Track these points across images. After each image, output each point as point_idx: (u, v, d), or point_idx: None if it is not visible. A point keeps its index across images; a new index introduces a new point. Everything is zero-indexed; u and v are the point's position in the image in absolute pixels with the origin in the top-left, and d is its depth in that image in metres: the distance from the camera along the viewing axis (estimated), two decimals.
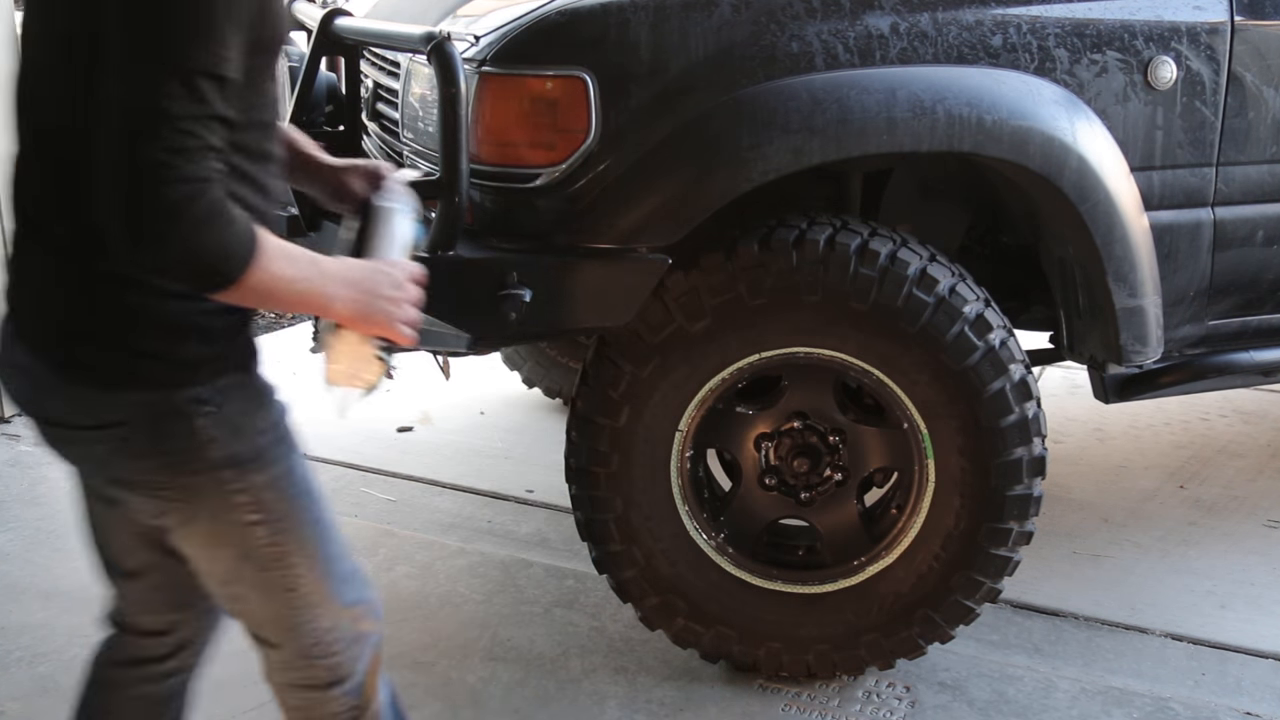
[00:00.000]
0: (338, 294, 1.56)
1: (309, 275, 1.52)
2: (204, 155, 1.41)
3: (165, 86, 1.38)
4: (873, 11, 2.42)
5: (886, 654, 2.66)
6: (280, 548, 1.71)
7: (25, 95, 1.58)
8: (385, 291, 1.61)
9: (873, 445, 2.64)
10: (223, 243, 1.42)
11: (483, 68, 2.39)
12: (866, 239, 2.45)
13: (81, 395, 1.58)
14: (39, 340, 1.59)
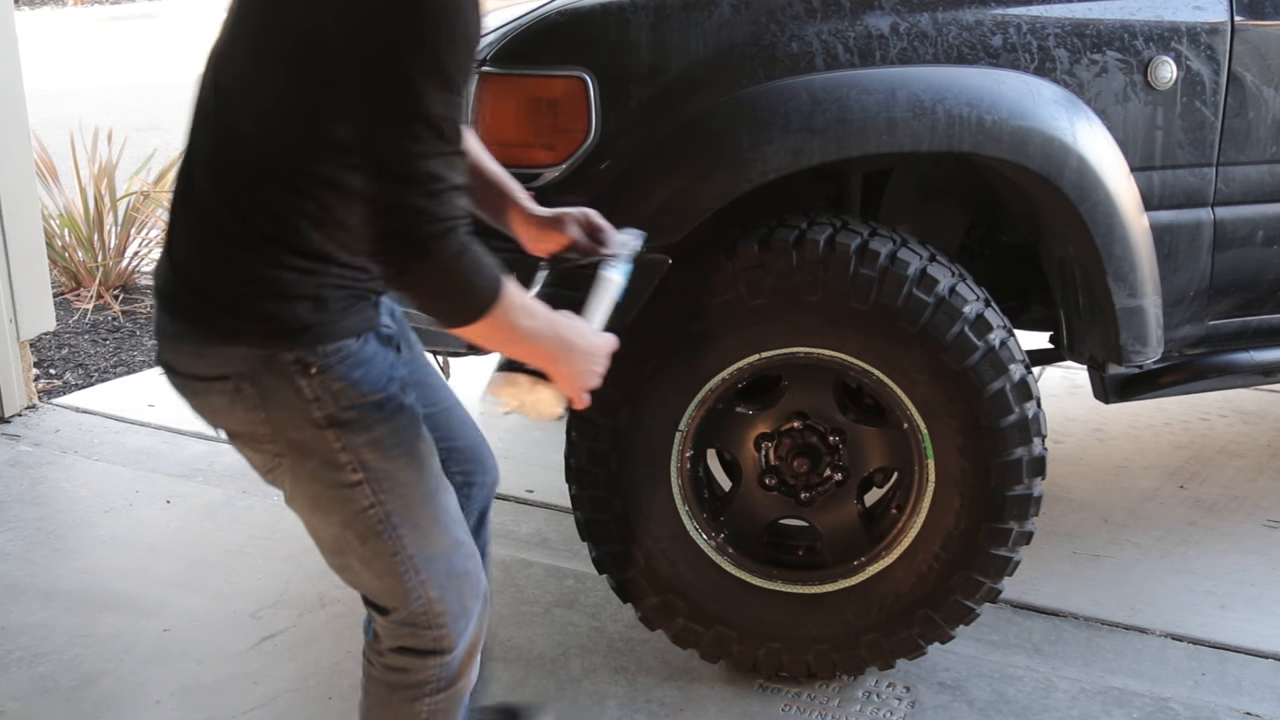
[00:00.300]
0: (555, 352, 1.71)
1: (540, 330, 1.68)
2: (452, 195, 1.56)
3: (416, 133, 1.52)
4: (873, 11, 2.43)
5: (886, 654, 2.66)
6: (383, 509, 1.76)
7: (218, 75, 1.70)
8: (588, 363, 1.76)
9: (873, 445, 2.64)
10: (471, 282, 1.59)
11: (483, 68, 2.39)
12: (866, 239, 2.45)
13: (196, 347, 1.70)
14: (167, 291, 1.73)
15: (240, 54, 1.69)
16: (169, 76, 12.53)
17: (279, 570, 3.24)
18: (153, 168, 5.87)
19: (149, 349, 4.98)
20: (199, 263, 1.70)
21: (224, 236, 1.67)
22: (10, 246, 4.17)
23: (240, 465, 3.83)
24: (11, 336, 4.21)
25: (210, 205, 1.69)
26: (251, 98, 1.66)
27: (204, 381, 1.72)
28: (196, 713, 2.69)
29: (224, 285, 1.68)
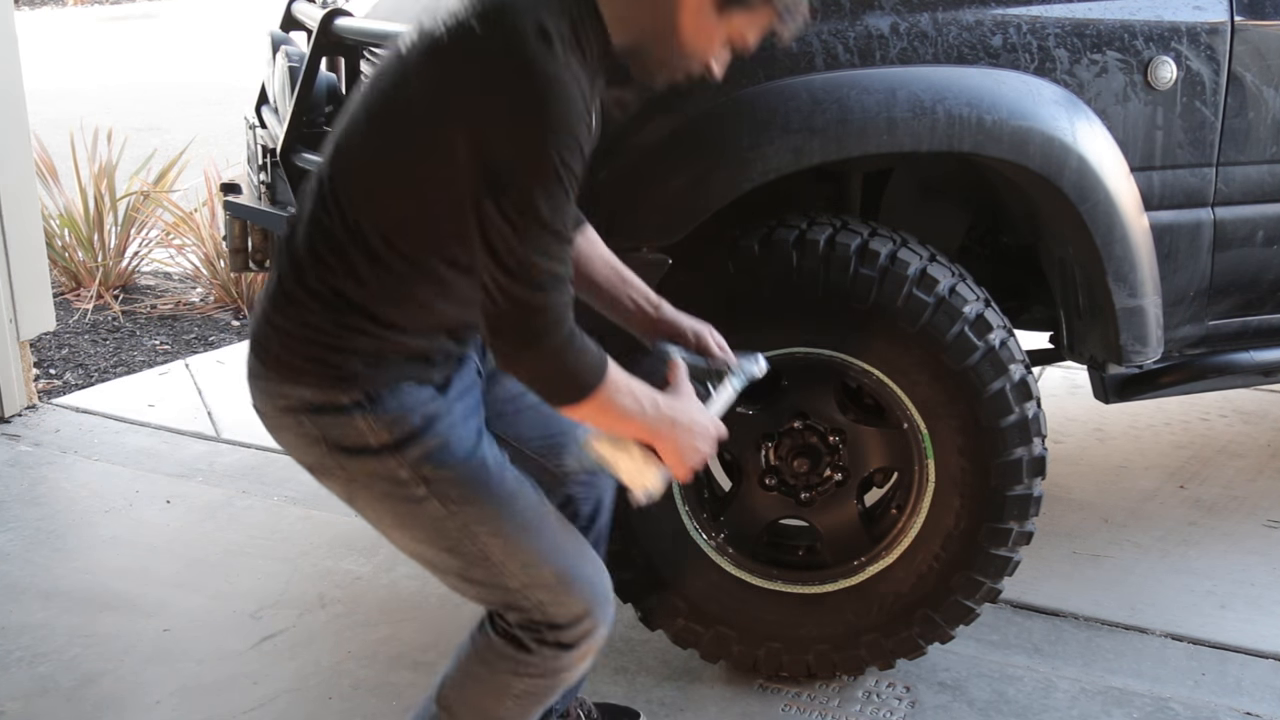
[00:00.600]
0: (659, 430, 1.81)
1: (643, 411, 1.78)
2: (562, 288, 1.69)
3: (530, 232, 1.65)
4: (873, 11, 2.43)
5: (886, 654, 2.66)
6: (457, 519, 1.86)
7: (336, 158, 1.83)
8: (695, 442, 1.84)
9: (873, 445, 2.64)
10: (576, 369, 1.71)
11: None
12: (866, 239, 2.45)
13: (267, 384, 1.86)
14: (253, 331, 1.89)
15: (359, 140, 1.80)
16: (169, 76, 12.54)
17: (279, 570, 3.24)
18: (153, 168, 5.86)
19: (149, 349, 4.98)
20: (278, 306, 1.85)
21: (305, 288, 1.81)
22: (10, 246, 4.17)
23: (240, 465, 3.85)
24: (11, 336, 4.21)
25: (301, 257, 1.82)
26: (364, 179, 1.79)
27: (275, 417, 1.88)
28: (196, 713, 2.69)
29: (294, 330, 1.82)
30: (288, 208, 2.83)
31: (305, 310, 1.81)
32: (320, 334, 1.81)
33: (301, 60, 2.89)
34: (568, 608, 1.91)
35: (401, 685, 2.75)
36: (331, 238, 1.80)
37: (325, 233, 1.81)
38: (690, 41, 1.79)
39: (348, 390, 1.81)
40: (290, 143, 2.73)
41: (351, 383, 1.81)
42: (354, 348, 1.81)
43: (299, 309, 1.82)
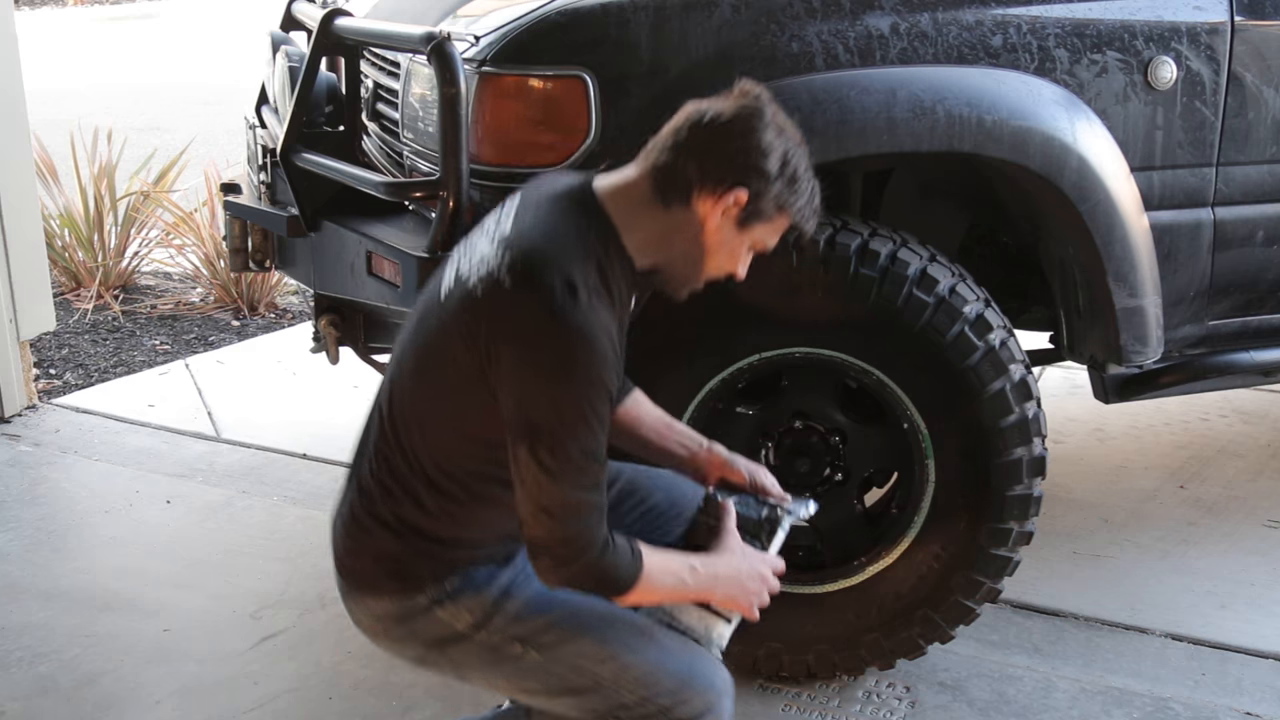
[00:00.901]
0: (706, 592, 1.93)
1: (684, 584, 1.90)
2: (596, 513, 1.78)
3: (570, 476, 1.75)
4: (873, 11, 2.43)
5: (886, 654, 2.66)
6: (564, 659, 1.93)
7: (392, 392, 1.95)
8: (746, 586, 1.95)
9: (873, 445, 2.64)
10: (612, 576, 1.81)
11: (483, 68, 2.39)
12: (866, 239, 2.45)
13: (353, 600, 1.98)
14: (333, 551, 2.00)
15: (409, 382, 1.92)
16: (169, 76, 12.53)
17: (279, 570, 3.24)
18: (153, 168, 5.86)
19: (149, 349, 4.98)
20: (351, 532, 1.96)
21: (375, 517, 1.92)
22: (10, 246, 4.16)
23: (240, 465, 3.85)
24: (11, 336, 4.21)
25: (369, 486, 1.94)
26: (416, 416, 1.90)
27: (369, 627, 1.99)
28: (196, 713, 2.69)
29: (368, 554, 1.94)
30: (288, 208, 2.84)
31: (376, 537, 1.92)
32: (393, 559, 1.92)
33: (301, 60, 2.89)
34: (692, 705, 1.95)
35: (402, 685, 2.75)
36: (395, 469, 1.91)
37: (389, 464, 1.91)
38: (714, 258, 1.89)
39: (422, 591, 1.91)
40: (290, 143, 2.73)
41: (424, 584, 1.91)
42: (420, 564, 1.91)
43: (370, 536, 1.93)
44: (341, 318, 2.96)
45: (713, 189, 1.82)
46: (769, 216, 1.87)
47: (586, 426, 1.75)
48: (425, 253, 2.40)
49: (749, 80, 1.88)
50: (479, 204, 2.43)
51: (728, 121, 1.83)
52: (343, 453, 3.86)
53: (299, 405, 4.34)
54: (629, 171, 1.88)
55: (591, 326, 1.74)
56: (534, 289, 1.75)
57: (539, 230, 1.81)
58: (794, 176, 1.86)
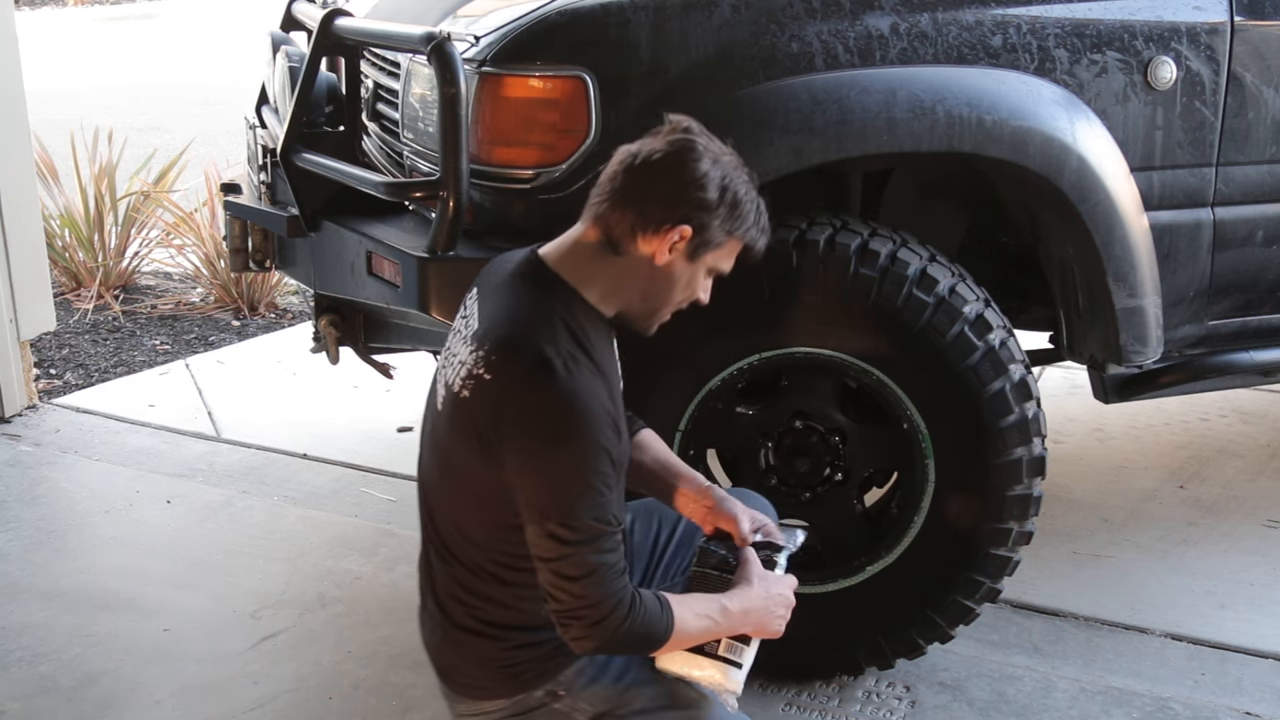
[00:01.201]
0: (744, 625, 1.95)
1: (717, 622, 1.92)
2: (617, 574, 1.81)
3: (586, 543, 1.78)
4: (873, 12, 2.43)
5: (886, 654, 2.66)
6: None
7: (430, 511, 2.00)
8: (780, 611, 1.99)
9: (873, 445, 2.64)
10: (644, 634, 1.85)
11: (483, 68, 2.39)
12: (866, 239, 2.45)
13: (462, 705, 2.02)
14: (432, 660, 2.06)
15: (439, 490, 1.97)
16: (169, 76, 12.53)
17: (279, 570, 3.24)
18: (153, 168, 5.86)
19: (149, 349, 4.98)
20: (445, 645, 2.01)
21: (462, 628, 1.97)
22: (10, 246, 4.16)
23: (240, 465, 3.85)
24: (12, 336, 4.21)
25: (445, 602, 1.99)
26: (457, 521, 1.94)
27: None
28: (196, 713, 2.69)
29: (467, 663, 1.99)
30: (288, 208, 2.84)
31: (473, 647, 1.97)
32: (491, 661, 1.96)
33: (301, 60, 2.89)
34: None
35: (402, 685, 2.75)
36: (459, 579, 1.96)
37: (453, 577, 1.96)
38: (673, 292, 1.93)
39: (536, 686, 1.96)
40: (290, 143, 2.73)
41: (536, 680, 1.96)
42: (524, 659, 1.95)
43: (466, 647, 1.98)
44: (341, 318, 2.96)
45: (656, 229, 1.85)
46: (718, 244, 1.90)
47: (594, 492, 1.78)
48: (425, 253, 2.40)
49: (677, 115, 1.91)
50: (479, 204, 2.44)
51: (660, 160, 1.85)
52: (343, 452, 3.90)
53: (299, 405, 4.34)
54: (576, 228, 1.92)
55: (574, 394, 1.77)
56: (510, 374, 1.80)
57: (502, 317, 1.86)
58: (735, 201, 1.88)
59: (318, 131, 2.90)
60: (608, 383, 1.86)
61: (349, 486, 3.71)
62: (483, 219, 2.44)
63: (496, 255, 2.04)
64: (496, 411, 1.81)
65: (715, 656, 1.94)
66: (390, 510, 3.55)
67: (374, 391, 4.27)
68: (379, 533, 3.42)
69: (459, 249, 2.38)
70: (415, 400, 4.24)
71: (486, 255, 2.38)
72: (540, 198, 2.40)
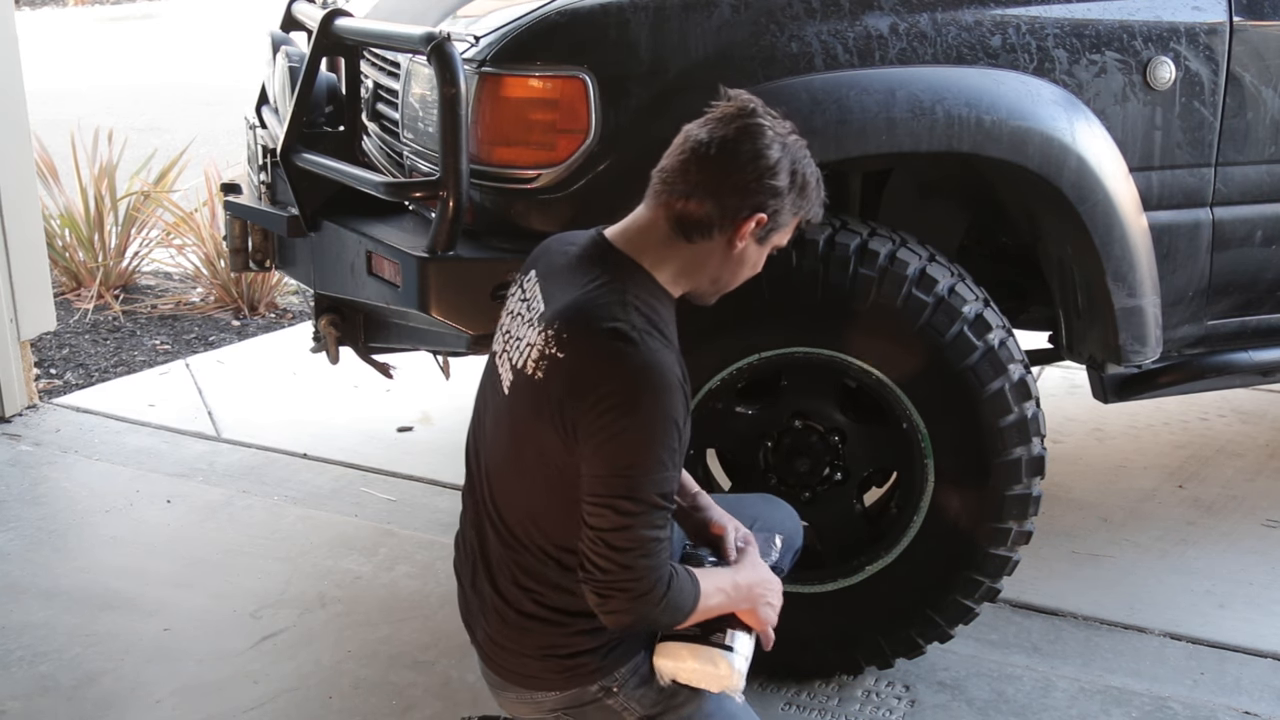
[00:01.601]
0: (748, 599, 1.96)
1: (732, 597, 1.94)
2: (666, 550, 1.82)
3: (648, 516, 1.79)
4: (872, 12, 2.43)
5: (886, 653, 2.66)
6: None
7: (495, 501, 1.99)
8: (772, 597, 2.01)
9: (873, 445, 2.64)
10: (679, 602, 1.85)
11: (483, 68, 2.40)
12: (866, 239, 2.45)
13: (514, 695, 2.02)
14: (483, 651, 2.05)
15: (509, 478, 1.96)
16: (169, 77, 12.53)
17: (279, 570, 3.24)
18: (153, 168, 5.86)
19: (149, 349, 4.99)
20: (503, 633, 1.99)
21: (525, 614, 1.95)
22: (11, 246, 4.17)
23: (240, 465, 3.85)
24: (12, 336, 4.21)
25: (507, 590, 1.97)
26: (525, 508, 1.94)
27: (527, 712, 2.03)
28: (196, 712, 2.70)
29: (527, 650, 1.97)
30: (288, 208, 2.84)
31: (535, 633, 1.96)
32: (553, 649, 1.96)
33: (301, 60, 2.89)
34: None
35: (402, 684, 2.76)
36: (528, 569, 1.95)
37: (520, 566, 1.95)
38: (740, 273, 1.97)
39: (593, 682, 1.96)
40: (290, 143, 2.73)
41: (593, 675, 1.95)
42: (585, 647, 1.94)
43: (529, 634, 1.96)
44: (341, 318, 2.96)
45: (733, 219, 1.87)
46: (786, 225, 1.93)
47: (662, 466, 1.79)
48: (425, 253, 2.40)
49: (737, 90, 1.93)
50: (479, 204, 2.44)
51: (731, 148, 1.86)
52: (343, 452, 3.90)
53: (299, 405, 4.34)
54: (641, 212, 1.92)
55: (650, 365, 1.78)
56: (586, 348, 1.81)
57: (573, 296, 1.86)
58: (803, 183, 1.91)
59: (318, 131, 2.90)
60: (680, 358, 1.86)
61: (349, 486, 3.72)
62: (483, 219, 2.44)
63: (494, 255, 2.04)
64: (573, 385, 1.80)
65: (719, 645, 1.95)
66: (390, 510, 3.56)
67: (374, 391, 4.28)
68: (379, 532, 3.42)
69: (459, 249, 2.39)
70: (415, 400, 4.27)
71: (487, 255, 2.39)
72: (540, 198, 2.40)
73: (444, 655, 2.85)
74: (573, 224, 2.36)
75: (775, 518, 2.28)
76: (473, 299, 2.38)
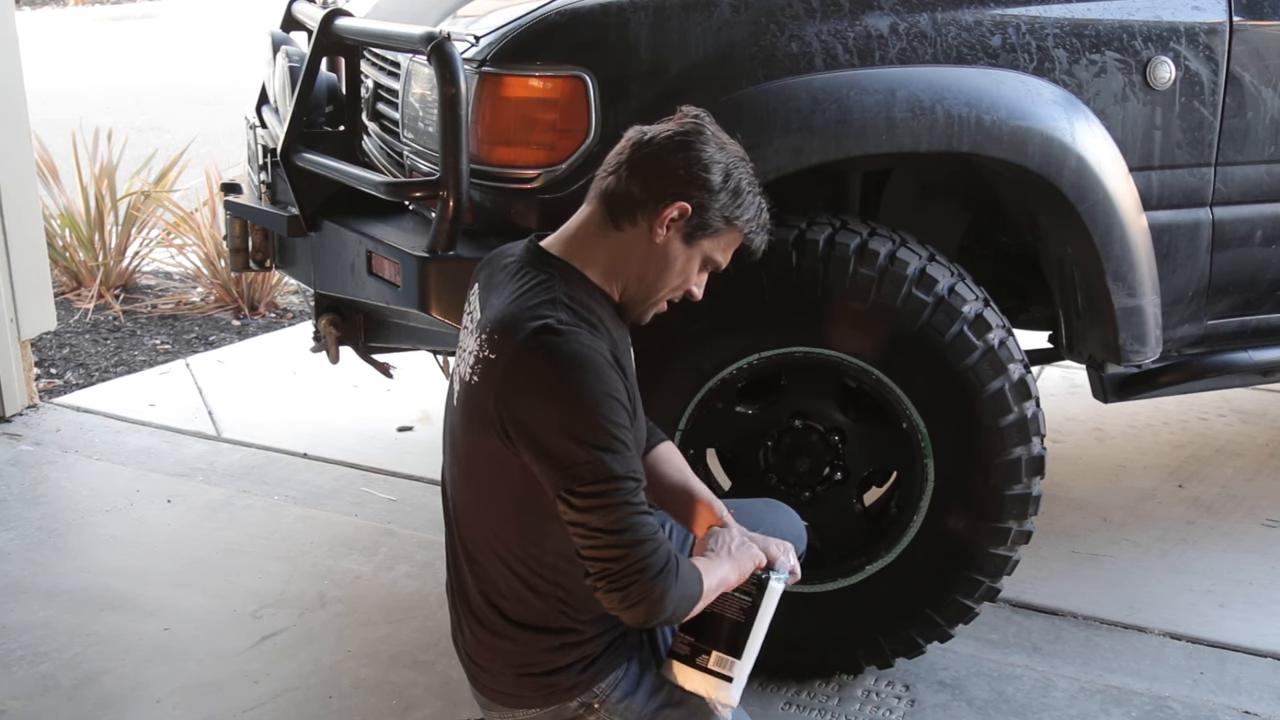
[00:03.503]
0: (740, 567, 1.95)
1: (727, 577, 1.92)
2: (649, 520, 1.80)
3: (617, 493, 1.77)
4: (872, 12, 2.43)
5: (886, 653, 2.66)
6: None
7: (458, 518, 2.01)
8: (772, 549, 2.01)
9: (872, 445, 2.64)
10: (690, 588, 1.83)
11: (483, 68, 2.40)
12: (866, 239, 2.45)
13: (497, 712, 2.03)
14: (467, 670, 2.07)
15: (464, 491, 1.98)
16: (169, 77, 12.54)
17: (279, 570, 3.24)
18: (153, 168, 5.87)
19: (149, 348, 4.99)
20: (483, 654, 2.01)
21: (497, 633, 1.96)
22: (11, 246, 4.17)
23: (240, 465, 3.85)
24: (12, 336, 4.21)
25: (477, 603, 1.99)
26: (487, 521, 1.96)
27: None
28: (197, 712, 2.70)
29: (506, 668, 1.98)
30: (289, 207, 2.84)
31: (512, 646, 1.97)
32: (526, 666, 1.97)
33: (302, 60, 2.90)
34: None
35: (402, 684, 2.76)
36: (497, 584, 1.96)
37: (490, 583, 1.97)
38: (667, 274, 1.94)
39: (571, 698, 1.96)
40: (290, 143, 2.74)
41: (570, 692, 1.96)
42: (558, 664, 1.95)
43: (498, 651, 1.98)
44: (341, 317, 2.97)
45: (655, 204, 1.88)
46: (716, 230, 1.92)
47: (611, 440, 1.78)
48: (425, 253, 2.41)
49: (689, 105, 1.96)
50: (479, 204, 2.44)
51: (667, 139, 1.90)
52: (343, 452, 3.90)
53: (299, 405, 4.34)
54: (579, 211, 1.95)
55: (579, 350, 1.79)
56: (512, 345, 1.82)
57: (504, 301, 1.89)
58: (737, 189, 1.91)
59: (318, 131, 2.90)
60: (612, 342, 1.87)
61: (349, 486, 3.72)
62: (483, 219, 2.44)
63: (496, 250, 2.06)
64: (504, 382, 1.81)
65: (708, 671, 1.95)
66: (390, 509, 3.56)
67: (374, 391, 4.28)
68: (379, 532, 3.42)
69: (459, 249, 2.39)
70: (415, 400, 4.27)
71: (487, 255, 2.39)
72: (540, 197, 2.40)
73: (444, 655, 2.85)
74: None
75: (778, 522, 2.27)
76: None
